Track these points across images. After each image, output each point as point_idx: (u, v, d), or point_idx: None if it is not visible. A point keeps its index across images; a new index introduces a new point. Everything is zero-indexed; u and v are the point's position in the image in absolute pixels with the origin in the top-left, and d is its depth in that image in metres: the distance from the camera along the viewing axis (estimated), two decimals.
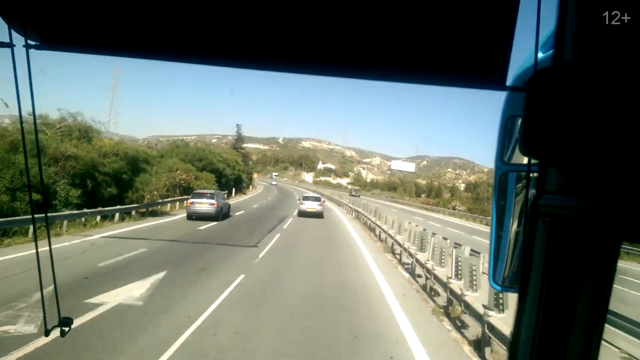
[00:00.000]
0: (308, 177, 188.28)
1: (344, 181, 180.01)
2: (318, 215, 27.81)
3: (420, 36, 0.77)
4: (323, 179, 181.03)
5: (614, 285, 0.73)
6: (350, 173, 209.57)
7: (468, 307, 7.24)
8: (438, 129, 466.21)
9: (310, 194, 37.42)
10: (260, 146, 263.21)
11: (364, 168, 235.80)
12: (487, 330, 6.11)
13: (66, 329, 0.99)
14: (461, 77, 0.81)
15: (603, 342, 0.76)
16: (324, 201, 31.05)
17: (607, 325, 0.75)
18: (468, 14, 0.75)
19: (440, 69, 0.80)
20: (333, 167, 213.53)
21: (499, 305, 6.33)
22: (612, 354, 5.87)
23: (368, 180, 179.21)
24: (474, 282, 7.91)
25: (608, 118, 0.54)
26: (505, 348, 5.71)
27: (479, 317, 6.52)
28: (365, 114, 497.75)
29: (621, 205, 0.55)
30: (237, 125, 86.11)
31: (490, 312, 6.20)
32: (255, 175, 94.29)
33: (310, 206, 28.06)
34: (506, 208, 1.25)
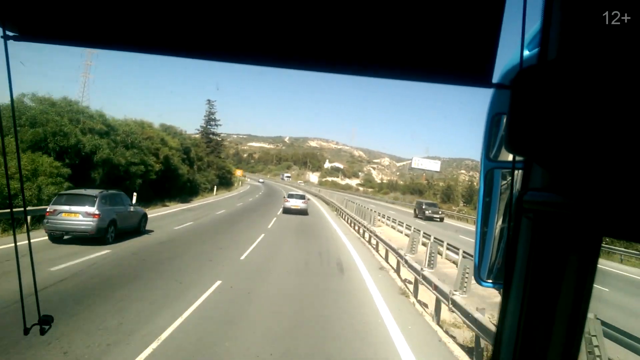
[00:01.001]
0: (313, 177, 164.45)
1: (353, 182, 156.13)
2: (302, 212, 27.45)
3: (408, 33, 0.77)
4: (330, 179, 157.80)
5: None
6: (360, 173, 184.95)
7: None
8: (447, 129, 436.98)
9: (295, 192, 36.29)
10: (266, 145, 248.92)
11: (374, 168, 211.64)
12: None
13: (46, 327, 0.97)
14: (448, 74, 0.80)
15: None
16: (308, 199, 31.12)
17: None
18: (455, 12, 0.75)
19: (428, 66, 0.79)
20: (341, 166, 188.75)
21: None
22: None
23: (384, 181, 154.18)
24: None
25: (591, 117, 0.55)
26: None
27: None
28: (373, 114, 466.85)
29: (603, 202, 0.55)
30: (209, 101, 60.54)
31: None
32: (239, 173, 70.73)
33: (295, 203, 28.10)
34: (491, 204, 1.24)
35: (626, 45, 0.56)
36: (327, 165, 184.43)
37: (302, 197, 29.61)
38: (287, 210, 27.30)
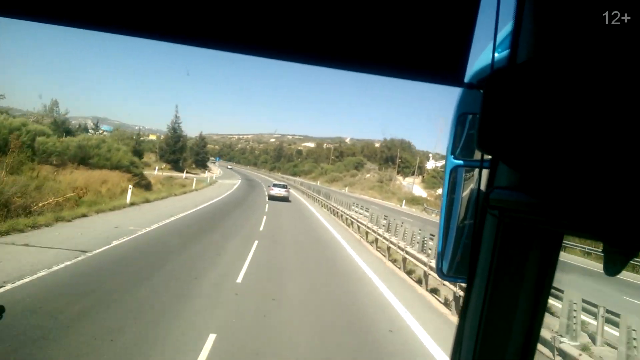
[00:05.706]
0: (409, 183, 79.83)
1: None
2: (284, 199, 33.76)
3: (382, 29, 0.77)
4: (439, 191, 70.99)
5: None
6: None
7: None
8: None
9: (279, 182, 40.78)
10: (310, 144, 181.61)
11: None
12: None
13: None
14: (419, 71, 0.81)
15: None
16: (289, 188, 37.32)
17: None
18: (429, 10, 0.76)
19: (400, 63, 0.80)
20: None
21: None
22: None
23: None
24: None
25: (558, 119, 0.56)
26: None
27: None
28: (414, 112, 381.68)
29: (566, 202, 0.57)
30: None
31: None
32: None
33: (278, 192, 34.18)
34: (455, 201, 1.26)
35: (603, 47, 0.56)
36: (431, 164, 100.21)
37: (284, 186, 36.25)
38: (271, 197, 33.47)
